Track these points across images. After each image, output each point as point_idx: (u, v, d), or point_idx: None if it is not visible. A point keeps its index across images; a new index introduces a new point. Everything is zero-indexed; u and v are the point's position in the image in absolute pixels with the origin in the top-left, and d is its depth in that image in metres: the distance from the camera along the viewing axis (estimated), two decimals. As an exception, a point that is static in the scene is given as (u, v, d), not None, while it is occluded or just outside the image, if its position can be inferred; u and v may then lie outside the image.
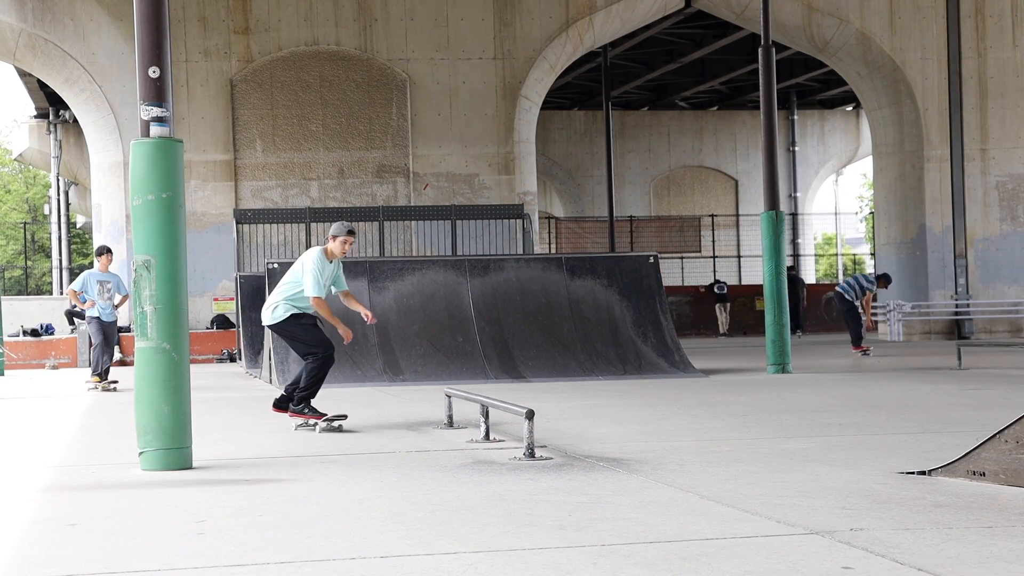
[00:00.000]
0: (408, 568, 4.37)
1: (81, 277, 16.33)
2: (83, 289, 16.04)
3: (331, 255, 9.78)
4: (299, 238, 24.08)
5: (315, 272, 9.58)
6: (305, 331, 9.68)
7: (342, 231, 9.69)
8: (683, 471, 6.76)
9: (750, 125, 42.06)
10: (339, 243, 9.72)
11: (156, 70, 7.50)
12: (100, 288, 16.01)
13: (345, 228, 9.69)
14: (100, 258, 16.43)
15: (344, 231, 9.68)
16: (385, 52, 25.43)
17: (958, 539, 4.70)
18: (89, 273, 16.30)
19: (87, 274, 16.30)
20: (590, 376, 15.37)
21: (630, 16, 26.58)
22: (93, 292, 15.96)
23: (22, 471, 7.53)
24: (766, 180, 16.90)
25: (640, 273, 16.83)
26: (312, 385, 9.61)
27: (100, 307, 15.96)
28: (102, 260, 16.34)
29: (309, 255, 9.72)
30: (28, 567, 4.58)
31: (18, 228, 56.96)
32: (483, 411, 8.54)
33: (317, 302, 9.59)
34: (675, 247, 39.19)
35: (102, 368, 15.81)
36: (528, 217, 24.48)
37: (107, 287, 16.08)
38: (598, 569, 4.29)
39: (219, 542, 4.96)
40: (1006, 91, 26.63)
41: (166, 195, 7.38)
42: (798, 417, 9.87)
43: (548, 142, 40.71)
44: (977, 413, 9.76)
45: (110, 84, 24.46)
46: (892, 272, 27.23)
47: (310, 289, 9.55)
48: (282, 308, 9.71)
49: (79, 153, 38.16)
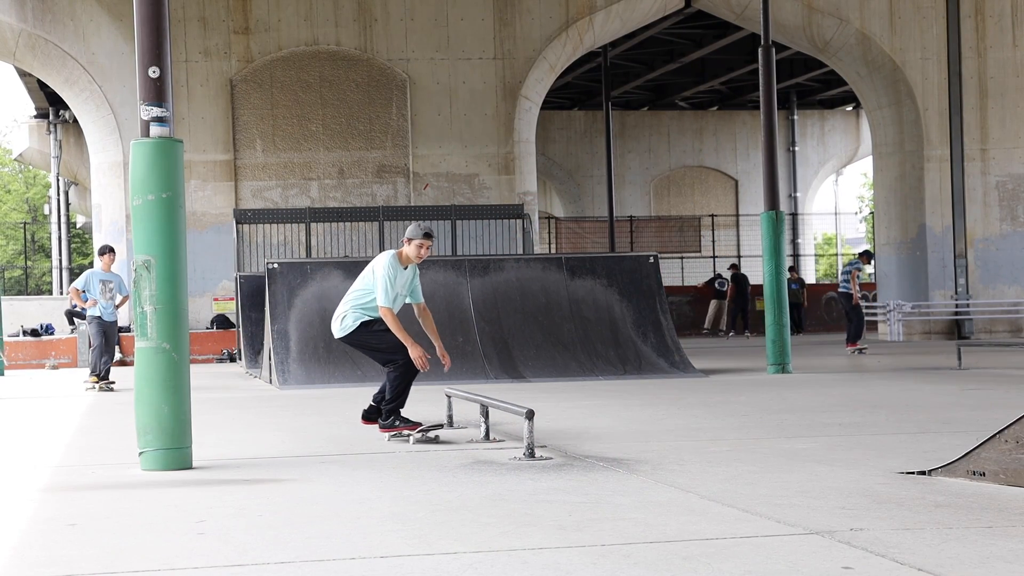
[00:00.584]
0: (408, 568, 4.37)
1: (84, 276, 16.24)
2: (85, 288, 15.96)
3: (406, 260, 8.70)
4: (299, 238, 24.08)
5: (386, 279, 8.51)
6: (379, 338, 8.63)
7: (418, 233, 8.59)
8: (683, 471, 6.76)
9: (750, 125, 42.06)
10: (415, 247, 8.62)
11: (156, 70, 7.50)
12: (103, 287, 15.93)
13: (421, 230, 8.59)
14: (103, 257, 16.34)
15: (420, 233, 8.58)
16: (385, 52, 25.43)
17: (958, 539, 4.70)
18: (92, 272, 16.22)
19: (89, 273, 16.22)
20: (590, 376, 15.37)
21: (630, 16, 26.58)
22: (95, 291, 15.87)
23: (22, 471, 7.53)
24: (766, 180, 16.90)
25: (640, 273, 16.83)
26: (398, 395, 8.66)
27: (102, 307, 15.89)
28: (104, 259, 16.25)
29: (380, 260, 8.66)
30: (28, 567, 4.58)
31: (18, 228, 56.96)
32: (483, 411, 8.54)
33: (386, 313, 8.50)
34: (675, 247, 39.19)
35: (101, 369, 15.76)
36: (528, 217, 24.48)
37: (109, 287, 16.00)
38: (598, 569, 4.29)
39: (219, 542, 4.96)
40: (1006, 91, 26.63)
41: (166, 195, 7.38)
42: (798, 417, 9.87)
43: (548, 142, 40.70)
44: (977, 413, 9.76)
45: (110, 84, 24.46)
46: (892, 272, 27.25)
47: (381, 298, 8.49)
48: (351, 317, 8.68)
49: (79, 153, 38.15)
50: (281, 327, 15.60)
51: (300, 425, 10.15)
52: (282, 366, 15.22)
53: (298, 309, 15.78)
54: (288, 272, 16.09)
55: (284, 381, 14.97)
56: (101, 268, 16.23)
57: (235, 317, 22.65)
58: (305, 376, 15.10)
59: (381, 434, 8.75)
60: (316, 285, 15.99)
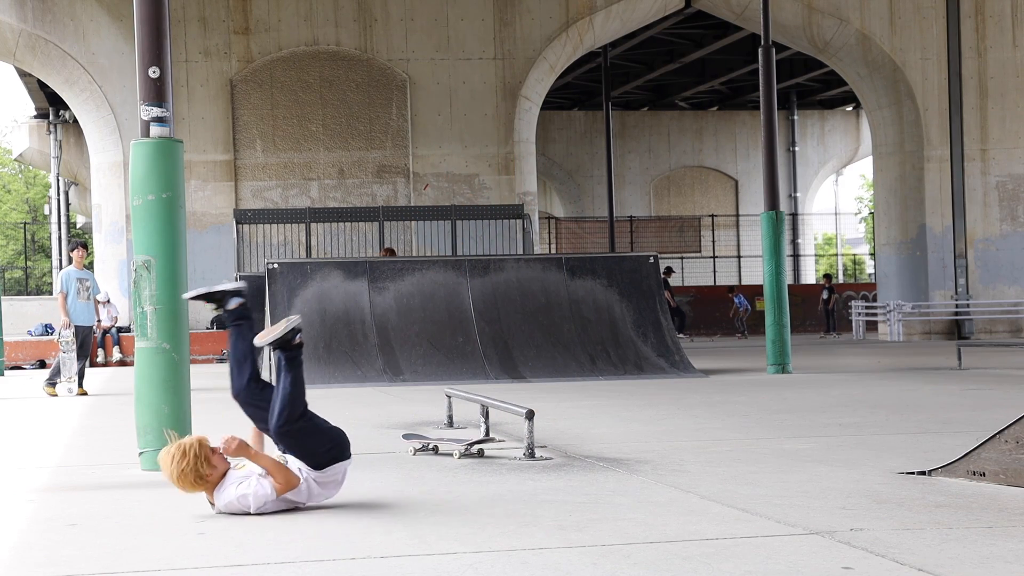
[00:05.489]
0: (408, 568, 4.36)
1: (61, 278, 14.93)
2: (64, 290, 14.70)
3: None
4: (299, 238, 24.08)
5: None
6: None
7: None
8: (683, 471, 6.75)
9: (750, 125, 42.05)
10: None
11: (156, 70, 7.50)
12: (79, 286, 14.66)
13: None
14: (75, 253, 14.96)
15: None
16: (385, 52, 25.42)
17: (958, 539, 4.70)
18: (67, 272, 14.92)
19: (65, 274, 14.90)
20: (590, 376, 15.37)
21: (630, 16, 26.58)
22: (72, 292, 14.61)
23: (22, 471, 7.52)
24: (766, 180, 16.91)
25: (640, 273, 16.83)
26: None
27: (79, 307, 14.64)
28: (76, 255, 14.90)
29: None
30: (28, 567, 4.57)
31: (18, 228, 56.95)
32: (483, 411, 8.53)
33: None
34: (675, 247, 39.19)
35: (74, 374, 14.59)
36: (528, 217, 24.48)
37: (86, 284, 14.76)
38: (598, 569, 4.29)
39: (219, 542, 4.96)
40: (1006, 91, 26.63)
41: (166, 195, 7.38)
42: (798, 417, 9.87)
43: (548, 142, 40.70)
44: (977, 413, 9.76)
45: (110, 84, 24.46)
46: (892, 272, 27.25)
47: None
48: None
49: (79, 153, 38.16)
50: (281, 327, 15.57)
51: (300, 425, 10.13)
52: (282, 366, 15.20)
53: (298, 309, 15.77)
54: (288, 272, 16.09)
55: (284, 381, 14.94)
56: (75, 266, 14.93)
57: (235, 317, 22.59)
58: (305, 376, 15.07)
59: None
60: (316, 285, 15.99)
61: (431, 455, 7.74)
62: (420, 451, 7.87)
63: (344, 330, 15.71)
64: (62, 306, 14.69)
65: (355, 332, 15.72)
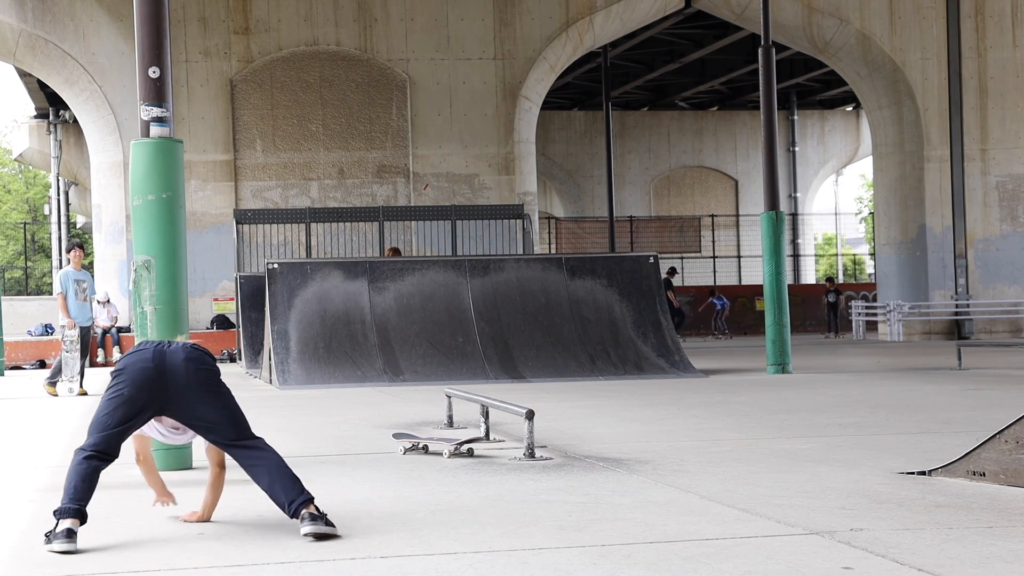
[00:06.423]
0: (408, 568, 4.37)
1: (60, 279, 14.93)
2: (63, 291, 14.73)
3: None
4: (299, 238, 24.08)
5: None
6: None
7: None
8: (683, 471, 6.75)
9: (750, 125, 42.06)
10: None
11: (156, 70, 7.50)
12: (77, 287, 14.67)
13: None
14: (73, 253, 14.98)
15: None
16: (385, 52, 25.43)
17: (958, 539, 4.70)
18: (66, 273, 14.91)
19: (64, 274, 14.87)
20: (590, 376, 15.37)
21: (630, 16, 26.58)
22: (71, 293, 14.63)
23: (22, 471, 7.53)
24: (766, 180, 16.91)
25: (640, 273, 16.83)
26: None
27: (77, 308, 14.66)
28: (74, 256, 14.93)
29: None
30: (28, 567, 4.58)
31: (18, 228, 56.95)
32: (483, 411, 8.53)
33: None
34: (675, 247, 39.19)
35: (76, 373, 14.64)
36: (528, 217, 24.48)
37: (83, 286, 14.77)
38: (598, 569, 4.29)
39: (219, 542, 4.96)
40: (1006, 91, 26.63)
41: (166, 195, 7.38)
42: (798, 417, 9.87)
43: (548, 142, 40.71)
44: (977, 413, 9.76)
45: (110, 84, 24.46)
46: (892, 272, 27.26)
47: None
48: None
49: (79, 153, 38.16)
50: (281, 327, 15.60)
51: (300, 425, 10.15)
52: (282, 366, 15.22)
53: (298, 309, 15.78)
54: (288, 272, 16.08)
55: (284, 381, 14.97)
56: (72, 267, 14.97)
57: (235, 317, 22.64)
58: (305, 376, 15.09)
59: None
60: (316, 285, 15.99)
61: (423, 455, 7.74)
62: (410, 450, 7.87)
63: (344, 330, 15.71)
64: (62, 306, 14.74)
65: (355, 332, 15.72)
